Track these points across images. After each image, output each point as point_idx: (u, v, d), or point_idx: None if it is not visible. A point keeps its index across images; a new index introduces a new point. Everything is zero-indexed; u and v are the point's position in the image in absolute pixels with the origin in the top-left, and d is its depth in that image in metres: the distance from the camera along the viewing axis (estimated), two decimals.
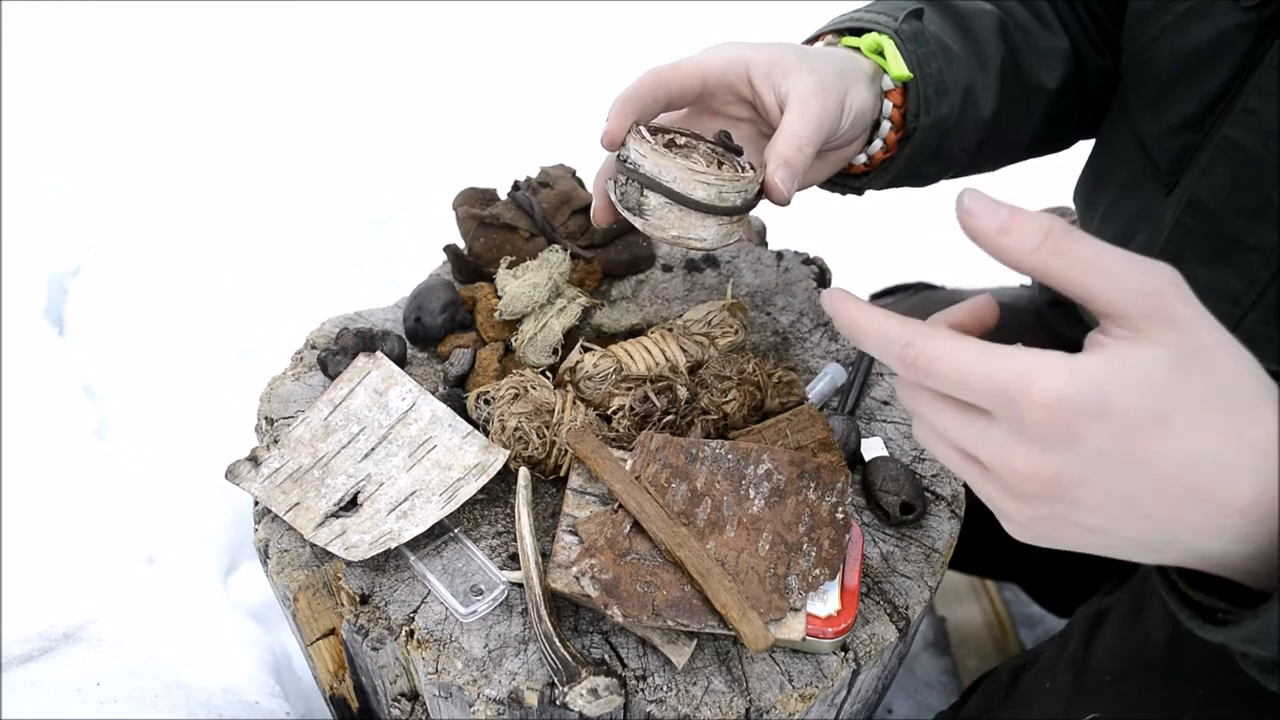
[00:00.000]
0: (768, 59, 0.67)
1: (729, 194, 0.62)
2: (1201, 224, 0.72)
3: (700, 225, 0.63)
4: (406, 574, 0.68)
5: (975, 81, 0.78)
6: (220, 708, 0.99)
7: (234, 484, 0.73)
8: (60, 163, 1.85)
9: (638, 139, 0.64)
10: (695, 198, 0.62)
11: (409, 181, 2.02)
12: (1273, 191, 0.67)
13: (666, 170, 0.62)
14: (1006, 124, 0.82)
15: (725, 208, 0.62)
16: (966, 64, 0.77)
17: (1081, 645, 0.74)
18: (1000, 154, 0.86)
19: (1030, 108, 0.83)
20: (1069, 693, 0.71)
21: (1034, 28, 0.82)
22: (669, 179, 0.62)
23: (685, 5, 2.54)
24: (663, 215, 0.63)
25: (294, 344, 0.87)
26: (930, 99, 0.74)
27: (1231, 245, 0.71)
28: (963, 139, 0.79)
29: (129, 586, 1.10)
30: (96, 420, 1.33)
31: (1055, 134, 0.89)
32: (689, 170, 0.62)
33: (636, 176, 0.63)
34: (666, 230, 0.63)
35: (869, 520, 0.73)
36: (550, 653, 0.61)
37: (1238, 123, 0.68)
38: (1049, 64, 0.82)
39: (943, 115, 0.76)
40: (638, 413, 0.73)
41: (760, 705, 0.62)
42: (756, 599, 0.61)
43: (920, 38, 0.74)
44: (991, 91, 0.79)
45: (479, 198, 0.93)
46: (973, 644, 1.31)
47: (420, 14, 2.57)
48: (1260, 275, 0.70)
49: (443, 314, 0.84)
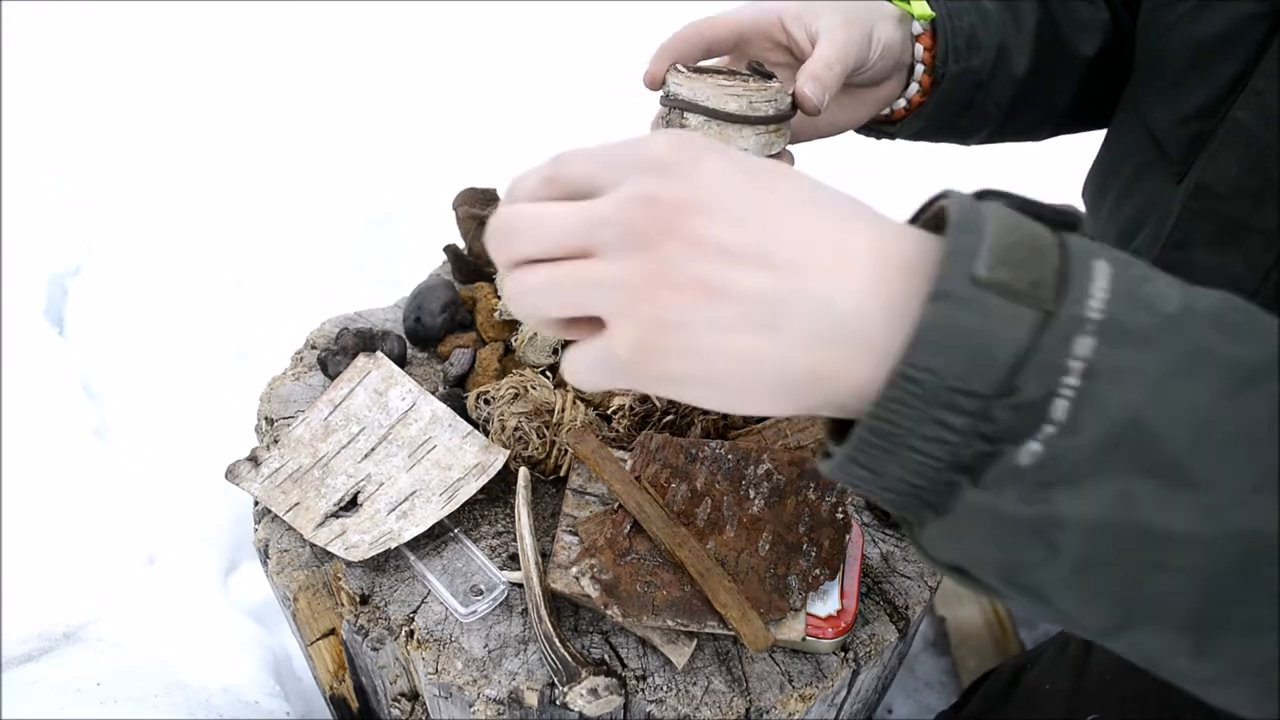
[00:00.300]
0: (798, 5, 0.71)
1: (759, 103, 0.67)
2: (1208, 208, 0.73)
3: (739, 137, 0.68)
4: (406, 574, 0.68)
5: (1009, 39, 0.80)
6: (220, 708, 0.99)
7: (234, 484, 0.73)
8: (60, 163, 1.85)
9: (674, 73, 0.70)
10: (729, 109, 0.67)
11: (409, 181, 2.02)
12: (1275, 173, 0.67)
13: (699, 91, 0.67)
14: (1043, 85, 0.83)
15: (759, 117, 0.67)
16: (1001, 24, 0.80)
17: (1082, 645, 0.73)
18: (1037, 118, 0.88)
19: (1067, 73, 0.85)
20: (1070, 692, 0.71)
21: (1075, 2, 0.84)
22: (703, 98, 0.67)
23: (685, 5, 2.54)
24: (704, 132, 0.67)
25: (294, 344, 0.87)
26: (960, 49, 0.77)
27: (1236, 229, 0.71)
28: (996, 94, 0.82)
29: (129, 586, 1.10)
30: (96, 420, 1.33)
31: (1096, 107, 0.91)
32: (718, 86, 0.67)
33: (676, 103, 0.68)
34: None
35: (869, 520, 0.73)
36: (550, 653, 0.61)
37: (1245, 104, 0.69)
38: (1087, 32, 0.84)
39: (974, 66, 0.78)
40: (638, 413, 0.73)
41: (760, 705, 0.62)
42: (756, 599, 0.61)
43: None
44: (1026, 50, 0.81)
45: (479, 198, 0.93)
46: (973, 644, 1.31)
47: (420, 14, 2.57)
48: (1264, 259, 0.70)
49: (443, 314, 0.84)
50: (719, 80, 0.68)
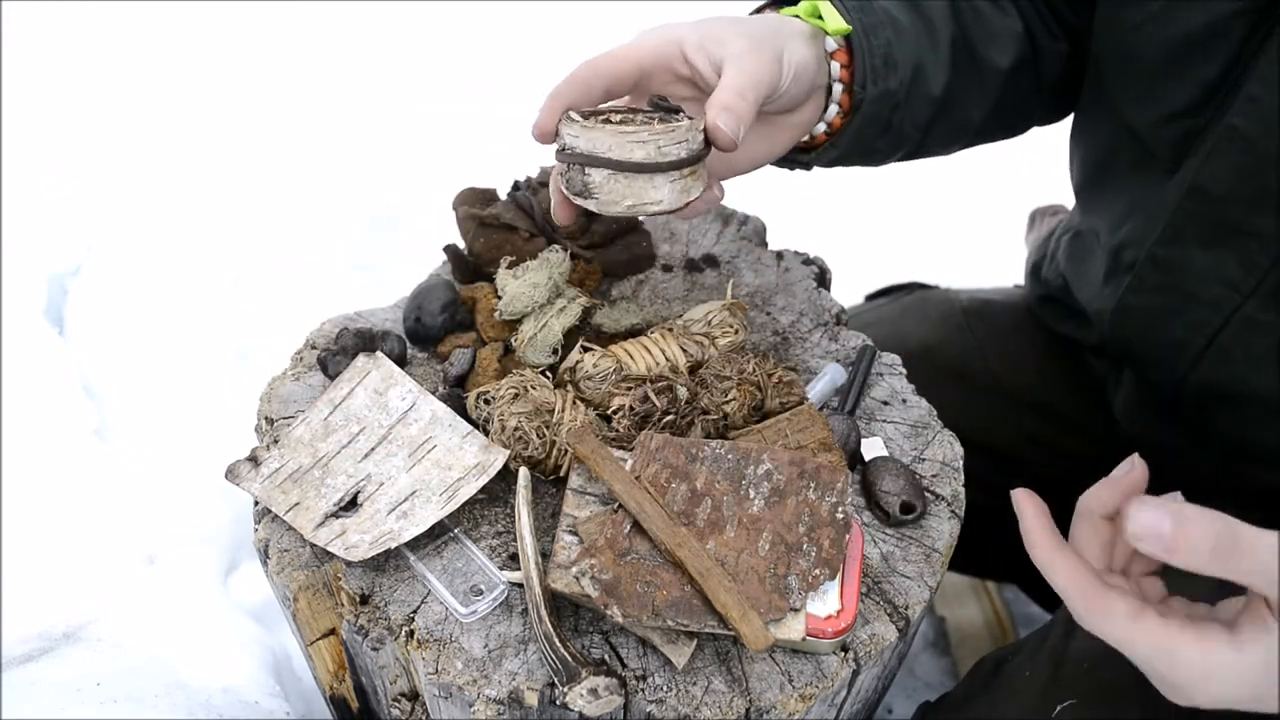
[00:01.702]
0: (700, 33, 0.66)
1: (669, 147, 0.60)
2: (1203, 210, 0.73)
3: (651, 187, 0.60)
4: (406, 574, 0.68)
5: (925, 57, 0.77)
6: (220, 708, 0.99)
7: (234, 484, 0.73)
8: (60, 163, 1.85)
9: (567, 122, 0.62)
10: (635, 159, 0.59)
11: (409, 182, 2.02)
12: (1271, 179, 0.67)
13: (599, 141, 0.59)
14: (958, 102, 0.81)
15: (669, 163, 0.60)
16: (916, 39, 0.77)
17: (1062, 636, 0.74)
18: (953, 134, 0.85)
19: (983, 87, 0.83)
20: (1047, 681, 0.72)
21: (985, 8, 0.82)
22: (604, 149, 0.59)
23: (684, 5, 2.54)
24: (610, 188, 0.60)
25: (294, 344, 0.87)
26: (878, 69, 0.74)
27: (1232, 231, 0.71)
28: (913, 115, 0.79)
29: (129, 586, 1.10)
30: (96, 420, 1.33)
31: (1010, 117, 0.89)
32: (620, 134, 0.59)
33: (574, 158, 0.61)
34: (620, 202, 0.61)
35: (869, 520, 0.73)
36: (550, 653, 0.61)
37: (1241, 111, 0.68)
38: (1001, 44, 0.82)
39: (891, 89, 0.75)
40: (638, 413, 0.73)
41: (760, 705, 0.62)
42: (756, 599, 0.61)
43: (866, 7, 0.74)
44: (942, 68, 0.78)
45: (479, 198, 0.93)
46: (973, 644, 1.31)
47: (420, 14, 2.57)
48: (1260, 262, 0.70)
49: (443, 314, 0.84)
50: (619, 127, 0.60)
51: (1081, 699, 0.68)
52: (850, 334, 0.89)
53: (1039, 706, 0.70)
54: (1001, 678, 0.77)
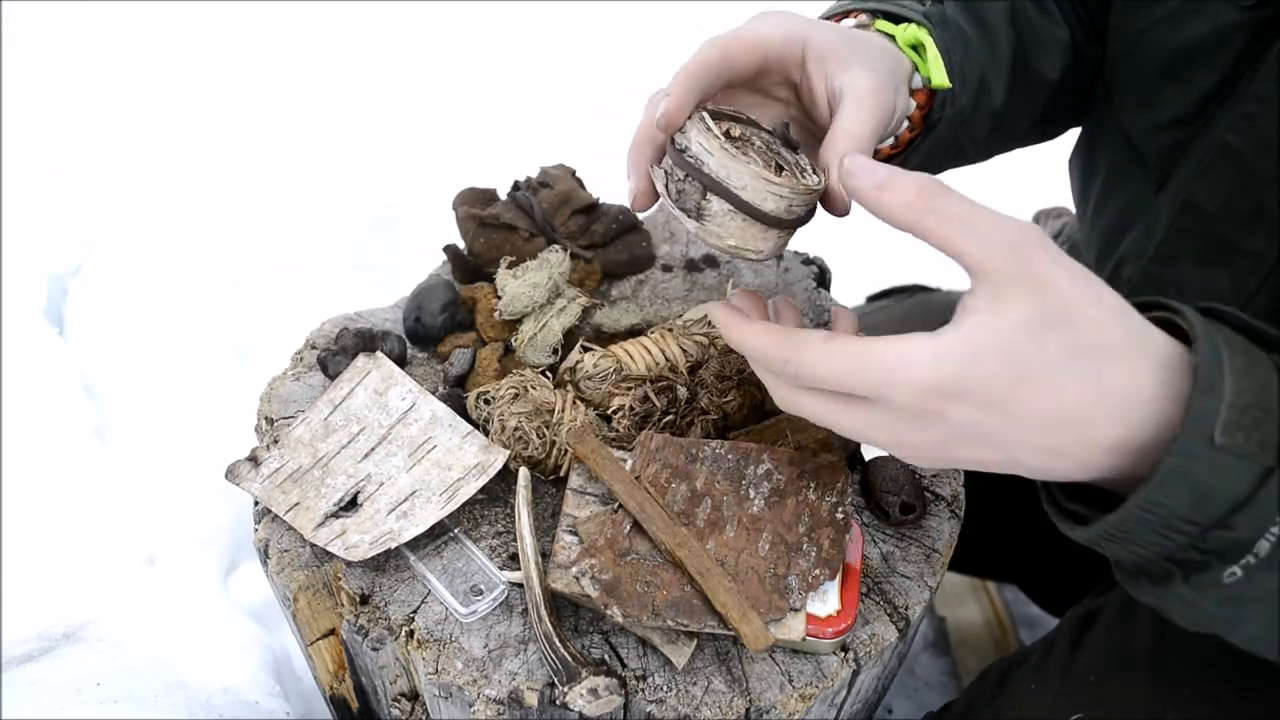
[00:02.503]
0: (825, 43, 0.62)
1: (798, 206, 0.56)
2: (1196, 226, 0.72)
3: (762, 237, 0.56)
4: (406, 574, 0.68)
5: (988, 70, 0.77)
6: (220, 708, 0.99)
7: (234, 484, 0.73)
8: (60, 163, 1.85)
9: (703, 129, 0.55)
10: (765, 209, 0.55)
11: (409, 182, 2.02)
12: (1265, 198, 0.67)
13: (736, 175, 0.54)
14: (1011, 114, 0.81)
15: (792, 220, 0.56)
16: (980, 51, 0.76)
17: (1068, 646, 0.74)
18: (1000, 144, 0.86)
19: (1033, 97, 0.83)
20: (1054, 693, 0.71)
21: (1037, 17, 0.82)
22: (739, 185, 0.54)
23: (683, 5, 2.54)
24: (723, 222, 0.56)
25: (294, 344, 0.87)
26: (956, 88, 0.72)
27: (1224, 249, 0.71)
28: (974, 130, 0.78)
29: (129, 586, 1.10)
30: (96, 420, 1.33)
31: (1049, 123, 0.89)
32: (762, 179, 0.54)
33: (699, 176, 0.55)
34: (724, 239, 0.56)
35: (869, 520, 0.73)
36: (550, 653, 0.61)
37: (1234, 127, 0.68)
38: (1051, 54, 0.82)
39: (961, 106, 0.74)
40: (638, 413, 0.73)
41: (760, 705, 0.62)
42: (756, 599, 0.61)
43: (945, 23, 0.72)
44: (1002, 81, 0.78)
45: (479, 198, 0.93)
46: (973, 644, 1.31)
47: (421, 14, 2.57)
48: (1250, 281, 0.70)
49: (443, 314, 0.84)
50: (759, 169, 0.54)
51: (1089, 711, 0.68)
52: None
53: (1046, 718, 0.70)
54: (1007, 689, 0.77)
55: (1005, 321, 0.44)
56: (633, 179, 0.61)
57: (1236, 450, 0.42)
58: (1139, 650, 0.69)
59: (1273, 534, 0.43)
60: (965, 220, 0.45)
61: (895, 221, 0.47)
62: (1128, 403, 0.45)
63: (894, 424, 0.47)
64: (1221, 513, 0.43)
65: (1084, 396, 0.45)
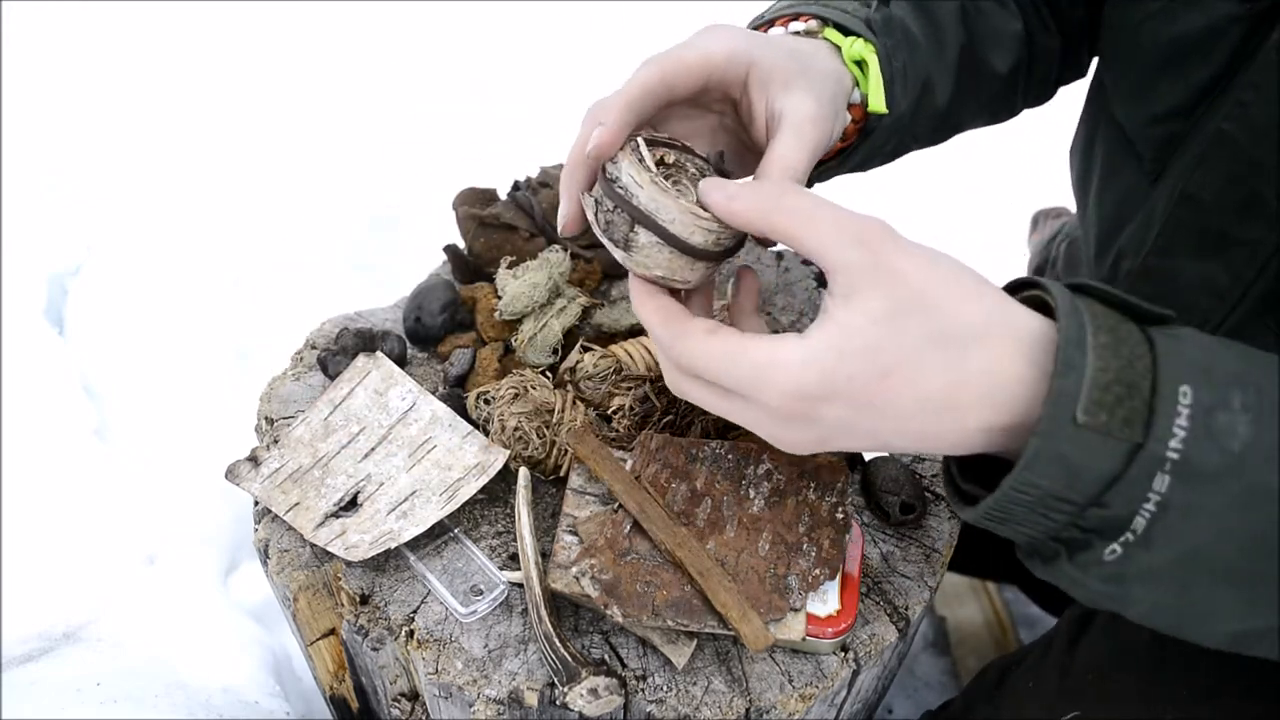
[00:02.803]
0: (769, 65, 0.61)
1: (725, 239, 0.56)
2: (1194, 217, 0.72)
3: (689, 269, 0.56)
4: (406, 574, 0.68)
5: (933, 72, 0.75)
6: (220, 708, 0.99)
7: (234, 484, 0.73)
8: (60, 163, 1.85)
9: (634, 162, 0.55)
10: (693, 242, 0.54)
11: (409, 181, 2.02)
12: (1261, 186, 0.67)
13: (665, 209, 0.54)
14: (956, 109, 0.80)
15: (718, 253, 0.56)
16: (926, 54, 0.75)
17: (1066, 645, 0.74)
18: (947, 133, 0.85)
19: (980, 91, 0.82)
20: (1053, 692, 0.71)
21: (990, 7, 0.80)
22: (667, 219, 0.54)
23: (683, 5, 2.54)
24: (651, 254, 0.55)
25: (294, 344, 0.87)
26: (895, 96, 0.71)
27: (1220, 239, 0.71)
28: (917, 129, 0.77)
29: (129, 586, 1.10)
30: (96, 420, 1.33)
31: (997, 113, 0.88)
32: (691, 214, 0.54)
33: (628, 208, 0.55)
34: (651, 269, 0.56)
35: (869, 520, 0.73)
36: (550, 653, 0.61)
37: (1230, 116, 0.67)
38: (1002, 47, 0.81)
39: (902, 111, 0.73)
40: (638, 413, 0.73)
41: (760, 705, 0.62)
42: (756, 599, 0.61)
43: (889, 27, 0.72)
44: (948, 80, 0.77)
45: (479, 198, 0.93)
46: (973, 644, 1.31)
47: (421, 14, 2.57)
48: (1246, 272, 0.70)
49: (443, 314, 0.84)
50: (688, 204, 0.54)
51: (1086, 710, 0.68)
52: None
53: (1043, 718, 0.70)
54: (1005, 688, 0.77)
55: (862, 318, 0.45)
56: (563, 204, 0.60)
57: (1100, 429, 0.42)
58: (1137, 649, 0.69)
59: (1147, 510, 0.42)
60: (810, 216, 0.47)
61: (752, 227, 0.50)
62: (993, 385, 0.45)
63: (768, 421, 0.49)
64: (1095, 491, 0.43)
65: (949, 382, 0.45)
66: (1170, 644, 0.67)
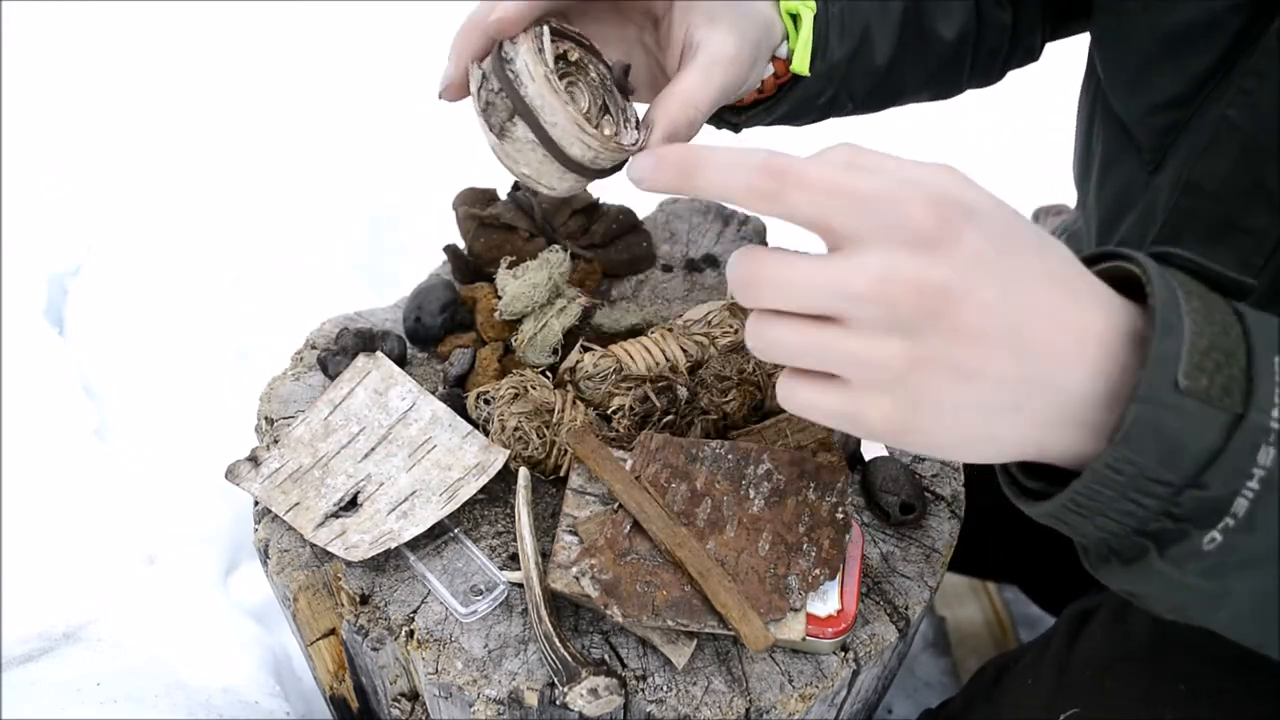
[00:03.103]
0: None
1: (604, 160, 0.54)
2: (1199, 206, 0.72)
3: (558, 177, 0.54)
4: (406, 574, 0.68)
5: (873, 25, 0.75)
6: (220, 708, 0.99)
7: (234, 484, 0.73)
8: (59, 163, 1.85)
9: (534, 50, 0.52)
10: (570, 153, 0.53)
11: (409, 182, 2.02)
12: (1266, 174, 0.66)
13: (551, 110, 0.51)
14: (897, 72, 0.79)
15: (594, 170, 0.54)
16: (867, 9, 0.74)
17: (1065, 643, 0.74)
18: (884, 100, 0.83)
19: (924, 57, 0.81)
20: (1051, 689, 0.71)
21: None
22: (550, 120, 0.51)
23: None
24: (523, 149, 0.53)
25: (294, 344, 0.87)
26: (830, 43, 0.70)
27: (1226, 228, 0.70)
28: (852, 85, 0.76)
29: (129, 586, 1.10)
30: (96, 420, 1.33)
31: (942, 86, 0.87)
32: (575, 125, 0.52)
33: (513, 96, 0.52)
34: (519, 166, 0.55)
35: (869, 520, 0.73)
36: (550, 653, 0.61)
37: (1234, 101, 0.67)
38: (950, 15, 0.79)
39: (836, 61, 0.72)
40: (638, 413, 0.73)
41: (760, 705, 0.62)
42: (756, 599, 0.61)
43: None
44: (889, 37, 0.76)
45: (479, 198, 0.93)
46: (973, 644, 1.31)
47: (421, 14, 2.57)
48: (1254, 260, 0.69)
49: (443, 314, 0.84)
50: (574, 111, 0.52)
51: (1085, 708, 0.68)
52: None
53: (1042, 715, 0.70)
54: (1004, 685, 0.77)
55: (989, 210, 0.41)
56: (449, 66, 0.57)
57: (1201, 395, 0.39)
58: (1136, 647, 0.69)
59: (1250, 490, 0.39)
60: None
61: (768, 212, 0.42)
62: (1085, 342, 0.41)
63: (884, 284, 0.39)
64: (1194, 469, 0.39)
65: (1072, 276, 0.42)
66: (1170, 642, 0.67)
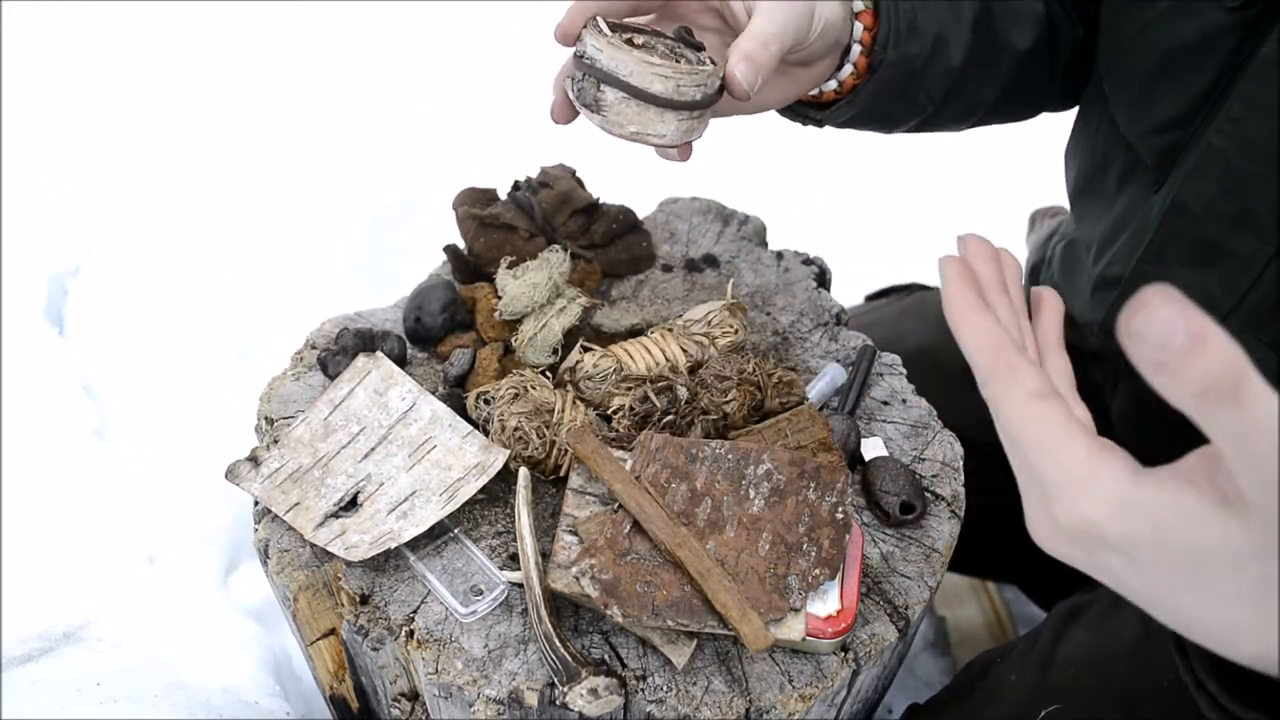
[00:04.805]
0: None
1: (687, 87, 0.61)
2: (1185, 227, 0.72)
3: (659, 120, 0.62)
4: (406, 574, 0.68)
5: (947, 28, 0.77)
6: (220, 708, 0.99)
7: (234, 484, 0.73)
8: (59, 163, 1.85)
9: (594, 33, 0.62)
10: (653, 91, 0.60)
11: (409, 181, 2.02)
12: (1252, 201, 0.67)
13: (623, 64, 0.60)
14: (974, 77, 0.81)
15: (684, 102, 0.61)
16: (939, 10, 0.77)
17: (1052, 640, 0.74)
18: (965, 110, 0.86)
19: (999, 66, 0.82)
20: (1033, 686, 0.72)
21: None
22: (625, 72, 0.60)
23: None
24: (620, 110, 0.62)
25: (294, 344, 0.87)
26: (901, 34, 0.73)
27: (1212, 250, 0.71)
28: (930, 85, 0.79)
29: (129, 586, 1.10)
30: (96, 420, 1.33)
31: (1022, 100, 0.89)
32: (645, 63, 0.60)
33: (592, 71, 0.61)
34: (625, 126, 0.63)
35: (869, 520, 0.73)
36: (550, 653, 0.61)
37: (1220, 130, 0.68)
38: (1022, 25, 0.82)
39: (911, 54, 0.75)
40: (638, 413, 0.73)
41: (760, 705, 0.62)
42: (756, 599, 0.61)
43: None
44: (962, 41, 0.78)
45: (479, 198, 0.93)
46: (973, 644, 1.31)
47: (421, 14, 2.57)
48: (1240, 282, 0.70)
49: (443, 314, 0.84)
50: (644, 55, 0.60)
51: (1065, 705, 0.68)
52: (850, 334, 0.89)
53: (1022, 711, 0.70)
54: (987, 681, 0.77)
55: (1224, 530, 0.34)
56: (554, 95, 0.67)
57: None
58: (1120, 646, 0.69)
59: None
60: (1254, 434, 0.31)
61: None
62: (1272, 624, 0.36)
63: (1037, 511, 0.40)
64: None
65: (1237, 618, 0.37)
66: (1155, 641, 0.67)
